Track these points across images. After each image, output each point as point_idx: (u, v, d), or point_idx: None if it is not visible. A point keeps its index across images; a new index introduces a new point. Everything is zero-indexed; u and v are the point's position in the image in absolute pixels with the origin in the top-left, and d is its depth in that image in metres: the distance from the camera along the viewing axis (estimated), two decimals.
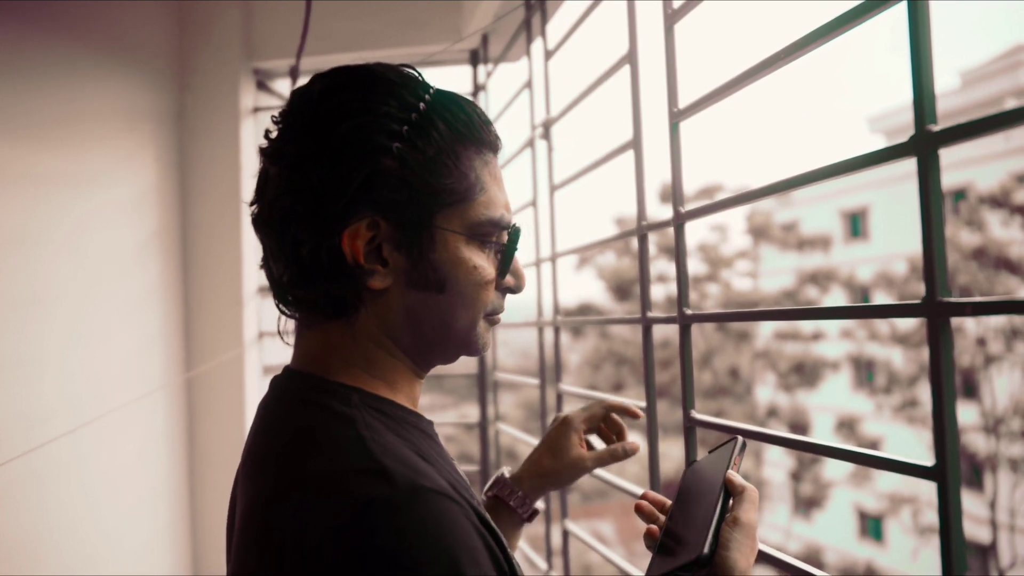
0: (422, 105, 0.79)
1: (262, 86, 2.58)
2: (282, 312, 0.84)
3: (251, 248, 2.48)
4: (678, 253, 1.24)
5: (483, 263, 0.82)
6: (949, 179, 16.72)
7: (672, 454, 15.66)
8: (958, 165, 16.55)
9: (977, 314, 0.71)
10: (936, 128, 0.75)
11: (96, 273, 2.10)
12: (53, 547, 1.91)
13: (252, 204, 0.83)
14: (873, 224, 20.15)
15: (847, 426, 17.73)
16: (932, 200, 0.76)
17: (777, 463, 19.58)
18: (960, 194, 16.62)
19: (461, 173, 0.80)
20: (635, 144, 1.38)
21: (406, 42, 2.41)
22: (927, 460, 0.80)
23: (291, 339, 0.87)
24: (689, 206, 1.24)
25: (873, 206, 20.07)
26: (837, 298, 18.30)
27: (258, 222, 0.81)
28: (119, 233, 2.22)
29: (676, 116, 1.23)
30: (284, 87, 2.63)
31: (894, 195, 18.76)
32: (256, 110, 2.53)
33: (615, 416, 1.17)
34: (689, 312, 1.22)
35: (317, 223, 0.76)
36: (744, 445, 0.92)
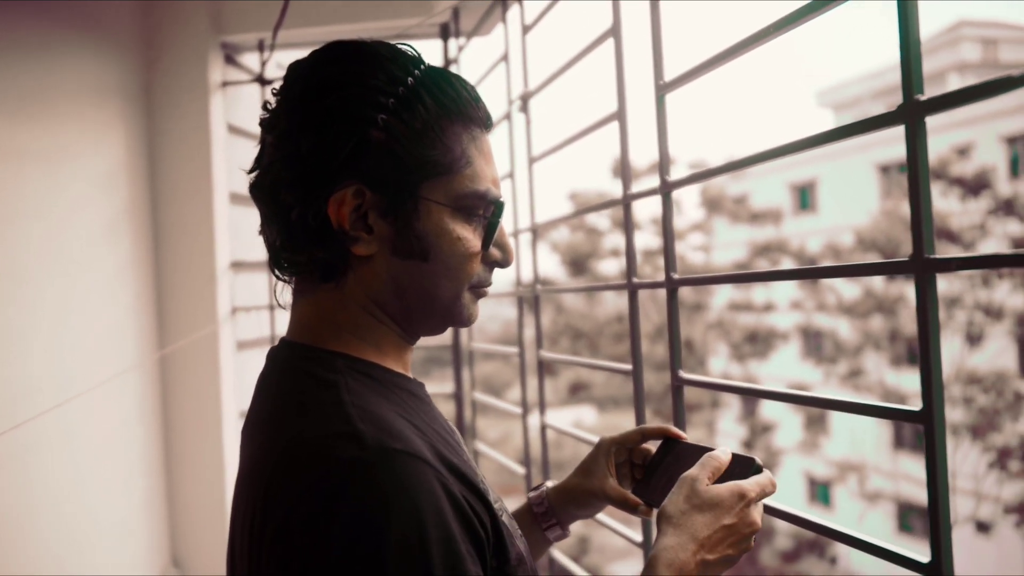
0: (410, 80, 0.81)
1: (230, 60, 2.56)
2: (277, 277, 0.87)
3: (223, 223, 2.47)
4: (665, 222, 1.29)
5: (468, 235, 0.84)
6: (897, 152, 17.10)
7: (627, 425, 15.87)
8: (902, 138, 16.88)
9: (962, 269, 0.77)
10: (923, 98, 0.81)
11: (66, 250, 2.07)
12: (32, 528, 1.91)
13: (251, 172, 0.86)
14: (821, 197, 20.56)
15: None
16: (920, 164, 0.82)
17: (729, 433, 19.99)
18: (905, 167, 17.01)
19: (446, 146, 0.82)
20: (620, 116, 1.42)
21: (376, 16, 2.41)
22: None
23: (282, 311, 0.91)
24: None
25: (821, 179, 20.45)
26: None
27: (254, 188, 0.84)
28: (89, 210, 2.19)
29: (662, 89, 1.27)
30: (253, 61, 2.61)
31: (840, 168, 19.14)
32: (224, 84, 2.51)
33: (646, 447, 1.10)
34: (676, 276, 1.27)
35: (305, 189, 0.79)
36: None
